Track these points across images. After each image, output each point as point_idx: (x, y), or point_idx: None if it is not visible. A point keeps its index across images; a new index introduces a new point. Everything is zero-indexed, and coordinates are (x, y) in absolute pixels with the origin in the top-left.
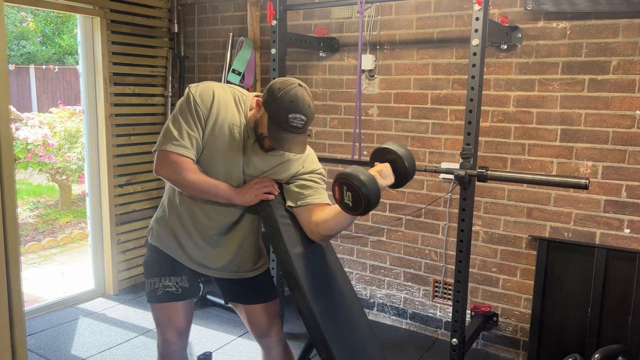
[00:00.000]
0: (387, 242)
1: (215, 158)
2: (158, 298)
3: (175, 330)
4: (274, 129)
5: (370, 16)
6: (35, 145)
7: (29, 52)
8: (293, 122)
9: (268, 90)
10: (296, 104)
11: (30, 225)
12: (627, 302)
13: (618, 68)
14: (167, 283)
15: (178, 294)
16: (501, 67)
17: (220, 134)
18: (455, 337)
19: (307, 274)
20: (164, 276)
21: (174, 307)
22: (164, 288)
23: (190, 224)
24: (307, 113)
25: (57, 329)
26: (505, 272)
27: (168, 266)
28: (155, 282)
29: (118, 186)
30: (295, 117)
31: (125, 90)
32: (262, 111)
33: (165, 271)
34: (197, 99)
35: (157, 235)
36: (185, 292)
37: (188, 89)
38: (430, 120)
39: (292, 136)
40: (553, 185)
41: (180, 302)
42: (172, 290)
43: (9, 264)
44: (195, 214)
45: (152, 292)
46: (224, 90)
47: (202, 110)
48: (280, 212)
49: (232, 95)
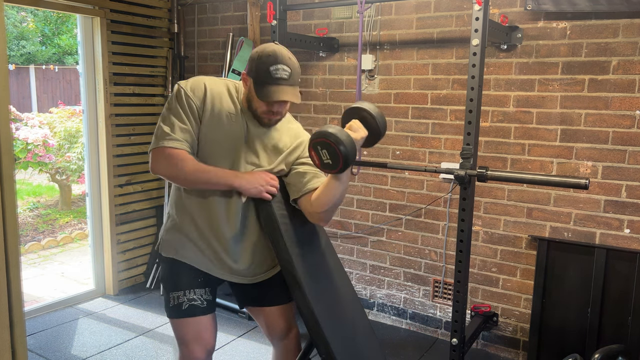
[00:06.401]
0: (387, 242)
1: (217, 151)
2: (184, 312)
3: (204, 348)
4: (261, 88)
5: (370, 16)
6: (35, 145)
7: (29, 52)
8: (276, 73)
9: (249, 59)
10: (274, 57)
11: (30, 225)
12: (627, 302)
13: (618, 68)
14: (192, 296)
15: (204, 307)
16: (501, 67)
17: (218, 125)
18: (455, 337)
19: (307, 274)
20: (188, 289)
21: (201, 321)
22: (190, 302)
23: (207, 227)
24: (288, 64)
25: (57, 329)
26: (505, 272)
27: (190, 278)
28: (179, 296)
29: (118, 186)
30: (277, 67)
31: (125, 90)
32: (248, 82)
33: (189, 284)
34: (188, 92)
35: (171, 247)
36: (210, 305)
37: (177, 85)
38: (430, 120)
39: (279, 87)
40: (553, 185)
41: (206, 316)
42: (198, 303)
43: (9, 264)
44: (210, 215)
45: (176, 307)
46: (214, 82)
47: (194, 103)
48: (280, 212)
49: (225, 85)
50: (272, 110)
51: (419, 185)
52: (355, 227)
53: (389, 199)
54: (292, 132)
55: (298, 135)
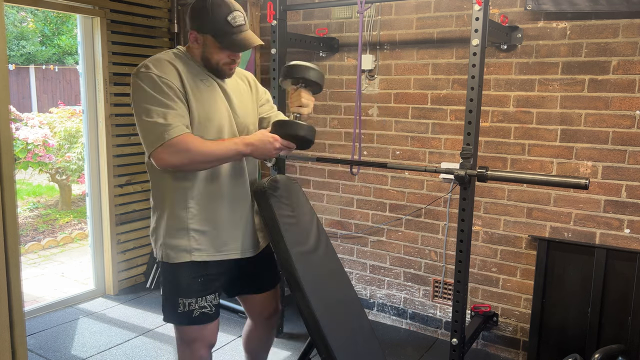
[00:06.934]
0: (387, 242)
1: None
2: (194, 320)
3: (208, 346)
4: (225, 39)
5: (370, 16)
6: (35, 145)
7: (29, 52)
8: (236, 21)
9: (193, 16)
10: (226, 5)
11: (30, 225)
12: (627, 302)
13: (618, 68)
14: (203, 304)
15: (212, 314)
16: (501, 67)
17: (201, 95)
18: (455, 337)
19: (307, 274)
20: (200, 296)
21: (208, 327)
22: (201, 309)
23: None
24: (239, 8)
25: (57, 329)
26: (505, 272)
27: (202, 284)
28: (190, 303)
29: (118, 186)
30: (234, 15)
31: (125, 90)
32: (202, 39)
33: (201, 290)
34: (160, 74)
35: (183, 250)
36: (218, 310)
37: (139, 73)
38: (430, 120)
39: (243, 34)
40: (553, 185)
41: (214, 322)
42: (207, 310)
43: (9, 264)
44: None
45: (185, 314)
46: (170, 57)
47: (173, 83)
48: (280, 211)
49: (175, 56)
50: (235, 60)
51: (419, 185)
52: (355, 227)
53: (389, 199)
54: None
55: (237, 72)
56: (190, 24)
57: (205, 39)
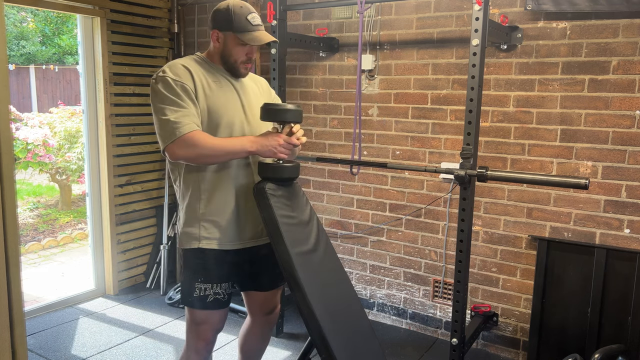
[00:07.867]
0: (387, 242)
1: (223, 120)
2: (207, 305)
3: (215, 331)
4: (246, 35)
5: (370, 16)
6: (35, 145)
7: (29, 52)
8: (254, 20)
9: (216, 18)
10: (246, 7)
11: (30, 225)
12: (627, 302)
13: (618, 68)
14: (218, 290)
15: (224, 301)
16: (501, 67)
17: (213, 96)
18: (455, 337)
19: (308, 275)
20: (216, 283)
21: (218, 313)
22: (215, 295)
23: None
24: (254, 10)
25: (57, 329)
26: (505, 272)
27: (219, 271)
28: (206, 289)
29: (118, 186)
30: (253, 16)
31: (125, 90)
32: (222, 37)
33: (218, 277)
34: (174, 78)
35: (201, 237)
36: (229, 299)
37: (157, 77)
38: (430, 120)
39: (260, 32)
40: (553, 185)
41: (225, 309)
42: (221, 297)
43: (9, 264)
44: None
45: (200, 298)
46: (186, 62)
47: (186, 84)
48: (281, 212)
49: (192, 60)
50: (251, 58)
51: (419, 185)
52: (355, 227)
53: (389, 199)
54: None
55: (251, 76)
56: (212, 24)
57: (226, 36)
